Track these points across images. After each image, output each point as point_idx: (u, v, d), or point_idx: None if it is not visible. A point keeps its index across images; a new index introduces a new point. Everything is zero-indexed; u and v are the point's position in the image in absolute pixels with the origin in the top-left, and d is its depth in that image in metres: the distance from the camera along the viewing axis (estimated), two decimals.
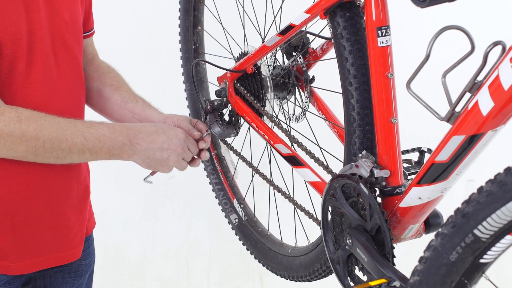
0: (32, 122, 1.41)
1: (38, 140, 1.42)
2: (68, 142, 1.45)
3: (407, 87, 1.27)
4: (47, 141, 1.43)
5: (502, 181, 1.01)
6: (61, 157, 1.46)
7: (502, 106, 1.08)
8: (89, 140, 1.48)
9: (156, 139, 1.57)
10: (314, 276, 1.69)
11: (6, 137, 1.39)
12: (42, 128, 1.42)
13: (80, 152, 1.47)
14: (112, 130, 1.52)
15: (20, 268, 1.57)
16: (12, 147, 1.41)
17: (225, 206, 2.08)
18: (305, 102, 1.76)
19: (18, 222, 1.53)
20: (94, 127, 1.50)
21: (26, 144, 1.41)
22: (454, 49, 1.49)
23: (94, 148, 1.49)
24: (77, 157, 1.49)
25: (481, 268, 1.07)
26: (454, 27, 1.21)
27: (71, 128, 1.46)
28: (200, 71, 2.11)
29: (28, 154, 1.43)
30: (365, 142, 1.43)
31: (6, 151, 1.41)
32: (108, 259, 2.97)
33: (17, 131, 1.39)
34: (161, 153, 1.57)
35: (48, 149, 1.44)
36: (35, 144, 1.42)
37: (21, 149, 1.42)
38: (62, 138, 1.44)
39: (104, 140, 1.50)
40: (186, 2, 2.06)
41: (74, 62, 1.61)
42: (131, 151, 1.55)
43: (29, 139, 1.41)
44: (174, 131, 1.60)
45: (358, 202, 1.41)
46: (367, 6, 1.35)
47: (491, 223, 1.02)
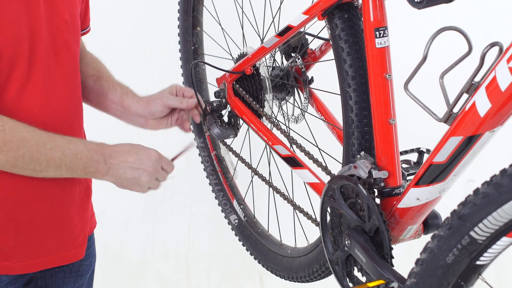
0: (15, 132, 1.42)
1: (19, 152, 1.43)
2: (47, 156, 1.46)
3: (405, 88, 1.27)
4: (27, 153, 1.44)
5: (498, 183, 1.01)
6: (37, 170, 1.47)
7: (500, 107, 1.09)
8: (67, 156, 1.49)
9: (128, 159, 1.58)
10: (314, 277, 1.70)
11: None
12: (24, 140, 1.43)
13: (57, 167, 1.48)
14: (88, 147, 1.53)
15: (23, 268, 1.57)
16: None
17: (225, 207, 2.08)
18: (304, 103, 1.76)
19: (22, 222, 1.54)
20: (73, 143, 1.51)
21: (7, 154, 1.42)
22: (452, 50, 1.49)
23: (71, 164, 1.50)
24: (53, 172, 1.50)
25: (478, 270, 1.07)
26: (451, 28, 1.21)
27: (51, 142, 1.47)
28: (199, 72, 2.11)
29: (6, 164, 1.44)
30: (364, 143, 1.44)
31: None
32: (108, 259, 2.97)
33: (0, 141, 1.41)
34: (132, 173, 1.58)
35: (26, 161, 1.44)
36: (15, 155, 1.43)
37: (0, 159, 1.43)
38: (42, 151, 1.45)
39: (81, 158, 1.51)
40: (185, 3, 2.06)
41: (73, 61, 1.61)
42: (104, 170, 1.55)
43: (10, 150, 1.42)
44: (146, 151, 1.61)
45: (356, 203, 1.42)
46: (364, 7, 1.35)
47: (487, 225, 1.03)
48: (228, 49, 2.01)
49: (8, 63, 1.45)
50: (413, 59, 1.30)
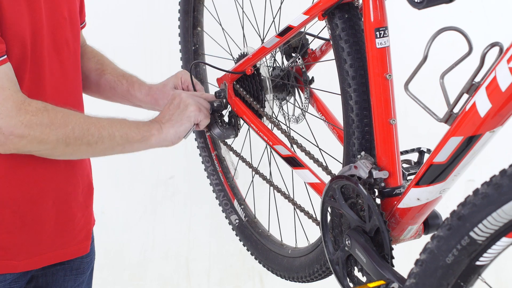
0: (58, 111, 1.43)
1: (67, 127, 1.43)
2: (96, 125, 1.47)
3: (405, 88, 1.28)
4: (76, 127, 1.44)
5: (497, 183, 1.01)
6: (92, 143, 1.47)
7: (500, 107, 1.09)
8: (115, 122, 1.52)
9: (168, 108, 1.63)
10: (314, 277, 1.70)
11: (35, 127, 1.39)
12: (68, 115, 1.43)
13: (110, 136, 1.49)
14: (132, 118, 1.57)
15: (27, 265, 1.57)
16: (42, 138, 1.41)
17: (226, 207, 2.09)
18: (305, 103, 1.76)
19: (27, 220, 1.54)
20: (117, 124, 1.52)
21: (56, 131, 1.42)
22: (452, 50, 1.49)
23: (123, 128, 1.51)
24: (109, 142, 1.49)
25: (477, 271, 1.07)
26: (451, 28, 1.21)
27: (95, 122, 1.48)
28: (200, 72, 2.11)
29: (59, 144, 1.43)
30: (364, 143, 1.44)
31: (37, 144, 1.42)
32: (108, 259, 2.97)
33: (46, 119, 1.40)
34: (177, 108, 1.62)
35: (78, 135, 1.44)
36: (65, 132, 1.43)
37: (52, 138, 1.42)
38: (89, 122, 1.46)
39: (128, 122, 1.54)
40: (186, 3, 2.06)
41: (74, 59, 1.62)
42: (157, 127, 1.58)
43: (58, 126, 1.42)
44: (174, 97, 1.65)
45: (357, 203, 1.42)
46: (365, 8, 1.35)
47: (487, 225, 1.03)
48: (228, 49, 2.01)
49: (15, 65, 1.45)
50: (414, 59, 1.30)
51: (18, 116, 1.38)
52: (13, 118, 1.38)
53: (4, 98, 1.38)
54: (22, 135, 1.39)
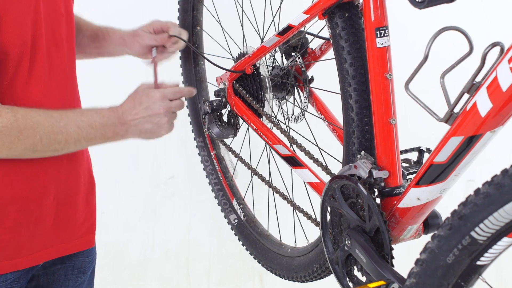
0: (27, 119, 1.43)
1: (35, 137, 1.44)
2: (63, 134, 1.48)
3: (406, 88, 1.27)
4: (44, 136, 1.45)
5: (499, 183, 1.00)
6: (58, 149, 1.49)
7: (501, 107, 1.09)
8: (83, 128, 1.50)
9: (137, 112, 1.58)
10: (313, 277, 1.69)
11: (4, 137, 1.41)
12: (38, 124, 1.44)
13: (76, 141, 1.50)
14: (101, 115, 1.54)
15: (29, 261, 1.57)
16: (11, 147, 1.42)
17: (225, 207, 2.08)
18: (304, 102, 1.76)
19: (31, 217, 1.54)
20: (85, 114, 1.52)
21: (24, 142, 1.43)
22: (453, 50, 1.49)
23: (89, 135, 1.51)
24: (74, 147, 1.52)
25: (478, 270, 1.07)
26: (452, 28, 1.21)
27: (63, 119, 1.48)
28: (199, 71, 2.10)
29: (26, 151, 1.45)
30: (364, 142, 1.43)
31: (6, 151, 1.43)
32: (108, 259, 2.97)
33: (15, 130, 1.41)
34: (148, 123, 1.59)
35: (45, 144, 1.46)
36: (33, 141, 1.44)
37: (20, 148, 1.44)
38: (57, 131, 1.47)
39: (96, 126, 1.52)
40: (185, 2, 2.06)
41: (71, 54, 1.62)
42: (123, 131, 1.57)
43: (27, 137, 1.43)
44: (146, 96, 1.60)
45: (357, 203, 1.41)
46: (365, 7, 1.35)
47: (488, 225, 1.02)
48: (228, 48, 2.00)
49: (14, 60, 1.46)
50: (414, 59, 1.30)
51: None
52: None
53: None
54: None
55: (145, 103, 1.59)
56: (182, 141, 2.74)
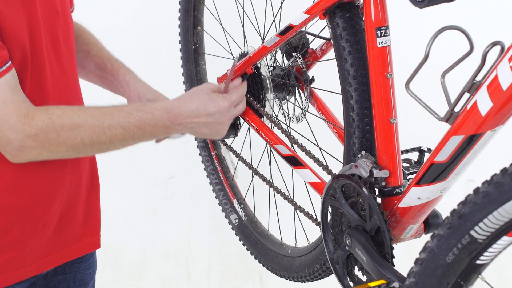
0: (65, 121, 1.38)
1: (76, 138, 1.39)
2: (107, 135, 1.41)
3: (406, 87, 1.27)
4: (85, 138, 1.40)
5: (498, 182, 1.01)
6: (104, 149, 1.44)
7: (501, 106, 1.09)
8: (129, 129, 1.44)
9: (200, 118, 1.51)
10: (314, 277, 1.70)
11: (43, 140, 1.37)
12: (77, 126, 1.39)
13: (122, 141, 1.44)
14: (151, 116, 1.46)
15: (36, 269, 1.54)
16: (51, 149, 1.39)
17: (225, 206, 2.08)
18: (305, 102, 1.76)
19: (38, 225, 1.51)
20: (132, 115, 1.45)
21: (65, 143, 1.39)
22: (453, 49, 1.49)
23: (136, 135, 1.45)
24: (120, 146, 1.46)
25: (478, 269, 1.07)
26: (453, 27, 1.21)
27: (108, 120, 1.42)
28: (200, 71, 2.11)
29: (70, 152, 1.41)
30: (365, 142, 1.44)
31: (47, 153, 1.40)
32: (108, 259, 2.97)
33: (52, 133, 1.36)
34: (209, 129, 1.52)
35: (88, 144, 1.41)
36: (74, 142, 1.39)
37: (61, 149, 1.40)
38: (100, 132, 1.41)
39: (144, 127, 1.46)
40: (186, 3, 2.06)
41: (70, 54, 1.58)
42: (176, 130, 1.51)
43: (66, 139, 1.38)
44: (213, 103, 1.52)
45: (357, 203, 1.42)
46: (366, 7, 1.35)
47: (487, 224, 1.02)
48: (229, 48, 2.01)
49: (16, 68, 1.41)
50: (415, 58, 1.30)
51: (23, 131, 1.35)
52: (19, 132, 1.35)
53: (7, 113, 1.35)
54: (31, 147, 1.37)
55: (211, 109, 1.52)
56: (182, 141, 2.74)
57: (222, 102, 1.54)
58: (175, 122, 1.49)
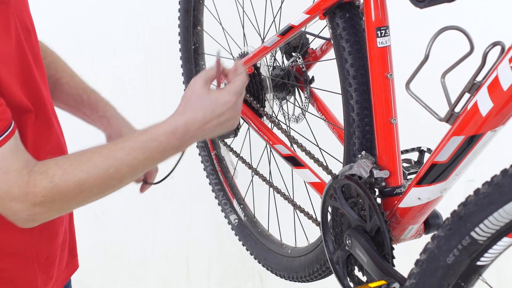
0: (68, 181, 1.27)
1: (83, 194, 1.30)
2: (116, 179, 1.31)
3: (406, 87, 1.27)
4: (94, 189, 1.30)
5: (498, 183, 1.01)
6: (116, 189, 1.34)
7: (501, 107, 1.09)
8: (137, 165, 1.33)
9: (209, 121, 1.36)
10: (314, 277, 1.69)
11: (50, 205, 1.28)
12: (81, 182, 1.28)
13: (133, 176, 1.34)
14: (157, 143, 1.34)
15: None
16: (60, 209, 1.32)
17: (225, 207, 2.08)
18: (305, 102, 1.76)
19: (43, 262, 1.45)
20: (136, 150, 1.32)
21: (74, 201, 1.30)
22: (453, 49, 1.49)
23: (146, 166, 1.34)
24: (133, 179, 1.36)
25: (478, 271, 1.07)
26: (453, 28, 1.21)
27: (112, 164, 1.30)
28: (199, 71, 2.10)
29: (81, 205, 1.33)
30: (365, 142, 1.43)
31: (57, 213, 1.33)
32: (108, 259, 2.97)
33: (57, 196, 1.27)
34: (221, 128, 1.39)
35: (98, 193, 1.32)
36: (82, 198, 1.30)
37: (72, 206, 1.34)
38: (108, 179, 1.30)
39: (153, 157, 1.34)
40: (186, 3, 2.06)
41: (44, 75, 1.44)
42: (189, 143, 1.38)
43: (74, 197, 1.29)
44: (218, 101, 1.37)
45: (357, 203, 1.41)
46: (366, 7, 1.35)
47: (488, 226, 1.02)
48: (228, 48, 2.00)
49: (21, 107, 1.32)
50: (415, 59, 1.30)
51: (27, 201, 1.26)
52: (24, 203, 1.26)
53: (10, 185, 1.25)
54: (40, 213, 1.28)
55: (219, 110, 1.37)
56: None
57: (228, 97, 1.38)
58: (185, 139, 1.36)
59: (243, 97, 1.42)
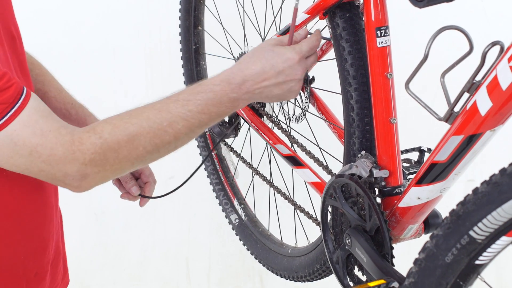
0: (118, 135, 1.21)
1: (137, 149, 1.22)
2: (170, 133, 1.24)
3: (406, 87, 1.28)
4: (147, 145, 1.23)
5: (497, 182, 1.01)
6: (171, 148, 1.27)
7: (500, 106, 1.09)
8: (192, 118, 1.25)
9: (267, 77, 1.30)
10: (314, 276, 1.70)
11: (102, 164, 1.21)
12: (134, 137, 1.22)
13: (188, 133, 1.27)
14: (213, 94, 1.27)
15: None
16: (115, 169, 1.23)
17: (226, 206, 2.09)
18: (305, 102, 1.76)
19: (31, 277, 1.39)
20: (191, 102, 1.25)
21: (127, 159, 1.23)
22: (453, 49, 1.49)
23: (202, 122, 1.27)
24: (188, 138, 1.29)
25: (477, 270, 1.07)
26: (452, 27, 1.21)
27: (166, 117, 1.24)
28: (200, 71, 2.11)
29: (136, 165, 1.26)
30: (365, 142, 1.44)
31: (112, 174, 1.25)
32: (108, 259, 2.97)
33: (109, 152, 1.20)
34: (279, 89, 1.32)
35: (153, 151, 1.24)
36: (136, 154, 1.23)
37: (126, 165, 1.24)
38: (162, 134, 1.23)
39: (209, 110, 1.27)
40: (187, 2, 2.06)
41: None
42: (244, 102, 1.31)
43: (128, 154, 1.22)
44: (281, 58, 1.30)
45: (357, 202, 1.42)
46: (366, 7, 1.35)
47: (486, 225, 1.03)
48: (229, 48, 2.01)
49: None
50: (414, 58, 1.30)
51: (75, 160, 1.19)
52: (72, 163, 1.18)
53: (51, 146, 1.17)
54: (92, 172, 1.21)
55: (279, 66, 1.30)
56: None
57: (291, 54, 1.32)
58: (241, 91, 1.29)
59: (308, 63, 1.36)
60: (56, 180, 1.22)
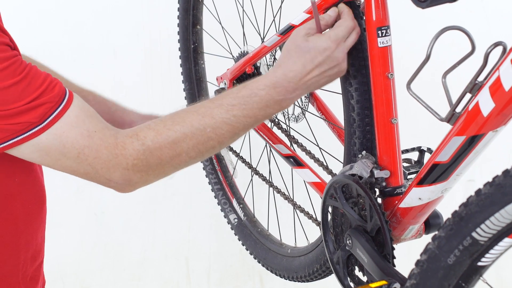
0: (161, 142, 1.20)
1: (180, 156, 1.22)
2: (213, 139, 1.23)
3: (407, 87, 1.27)
4: (190, 151, 1.22)
5: (500, 184, 1.00)
6: (214, 151, 1.27)
7: (503, 107, 1.08)
8: (236, 123, 1.25)
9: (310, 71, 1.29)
10: (314, 277, 1.69)
11: (145, 170, 1.21)
12: (176, 143, 1.21)
13: (233, 136, 1.26)
14: (258, 98, 1.26)
15: None
16: (157, 174, 1.23)
17: (224, 206, 2.08)
18: (305, 102, 1.75)
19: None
20: (236, 107, 1.24)
21: (170, 164, 1.22)
22: (455, 49, 1.49)
23: (247, 125, 1.26)
24: (232, 141, 1.29)
25: (479, 271, 1.06)
26: (454, 28, 1.21)
27: (209, 123, 1.23)
28: (199, 70, 2.10)
29: (178, 169, 1.25)
30: (365, 142, 1.43)
31: (155, 178, 1.24)
32: (108, 259, 2.97)
33: (152, 158, 1.20)
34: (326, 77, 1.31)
35: (196, 156, 1.24)
36: (179, 160, 1.22)
37: (169, 170, 1.24)
38: (205, 140, 1.23)
39: (254, 114, 1.26)
40: (185, 2, 2.05)
41: None
42: (292, 100, 1.31)
43: (170, 160, 1.21)
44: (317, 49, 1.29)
45: (358, 203, 1.41)
46: (367, 6, 1.34)
47: (489, 226, 1.02)
48: (228, 47, 2.00)
49: None
50: (416, 59, 1.30)
51: (118, 165, 1.19)
52: (115, 168, 1.19)
53: (96, 149, 1.17)
54: (135, 178, 1.22)
55: (318, 59, 1.29)
56: None
57: (326, 44, 1.30)
58: (287, 93, 1.28)
59: (348, 44, 1.33)
60: (101, 182, 1.23)
